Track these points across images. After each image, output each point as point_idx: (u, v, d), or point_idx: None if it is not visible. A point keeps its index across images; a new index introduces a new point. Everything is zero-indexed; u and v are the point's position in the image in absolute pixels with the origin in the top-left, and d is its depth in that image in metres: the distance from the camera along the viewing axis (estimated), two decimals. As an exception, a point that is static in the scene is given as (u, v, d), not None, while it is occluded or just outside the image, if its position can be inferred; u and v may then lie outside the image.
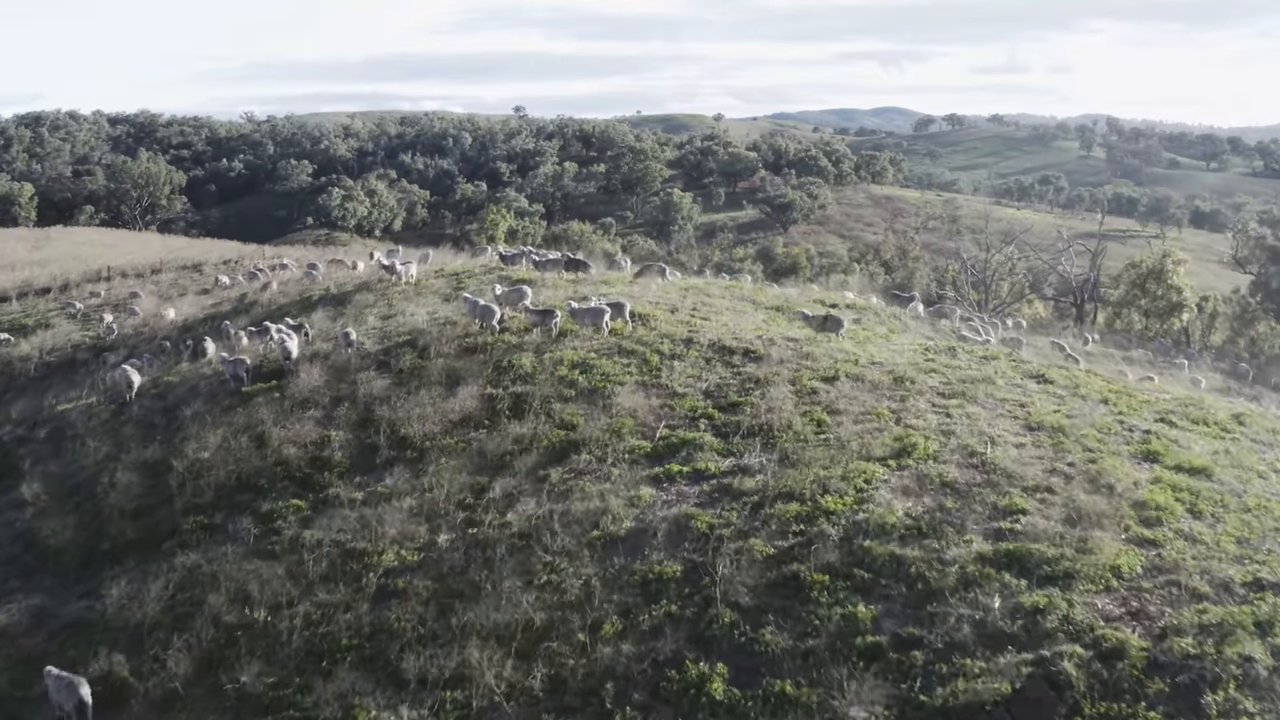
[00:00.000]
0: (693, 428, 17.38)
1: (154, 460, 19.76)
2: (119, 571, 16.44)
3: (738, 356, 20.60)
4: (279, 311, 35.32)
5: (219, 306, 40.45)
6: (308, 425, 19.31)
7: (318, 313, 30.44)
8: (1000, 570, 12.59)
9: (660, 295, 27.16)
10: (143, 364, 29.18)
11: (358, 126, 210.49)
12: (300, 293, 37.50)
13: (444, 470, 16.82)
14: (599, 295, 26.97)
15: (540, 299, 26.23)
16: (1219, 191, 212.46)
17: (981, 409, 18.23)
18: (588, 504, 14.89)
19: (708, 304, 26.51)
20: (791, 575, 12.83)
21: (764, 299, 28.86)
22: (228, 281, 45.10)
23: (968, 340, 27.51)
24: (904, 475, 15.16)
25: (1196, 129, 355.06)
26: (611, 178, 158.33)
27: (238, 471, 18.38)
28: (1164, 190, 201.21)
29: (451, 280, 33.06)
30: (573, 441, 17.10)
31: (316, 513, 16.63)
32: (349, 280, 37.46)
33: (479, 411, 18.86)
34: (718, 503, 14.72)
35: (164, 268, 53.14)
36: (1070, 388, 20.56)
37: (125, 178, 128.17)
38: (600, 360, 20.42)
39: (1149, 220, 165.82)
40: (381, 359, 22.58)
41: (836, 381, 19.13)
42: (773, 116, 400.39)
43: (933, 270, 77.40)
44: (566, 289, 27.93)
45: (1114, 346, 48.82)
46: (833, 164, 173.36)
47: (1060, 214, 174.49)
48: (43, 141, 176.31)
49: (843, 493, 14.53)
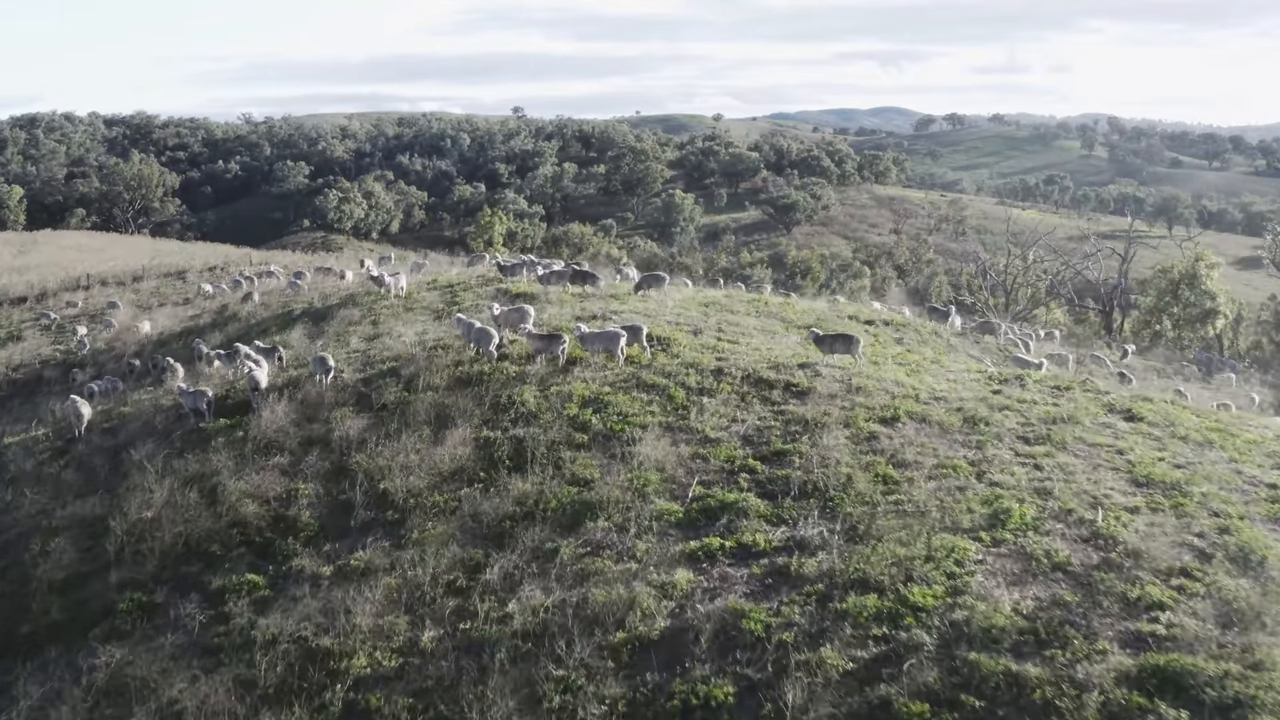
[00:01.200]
0: (732, 485, 14.38)
1: (92, 517, 16.73)
2: (36, 666, 13.45)
3: (778, 391, 17.60)
4: (258, 327, 32.36)
5: (197, 319, 37.61)
6: (271, 476, 16.29)
7: (296, 330, 27.46)
8: (1152, 697, 9.63)
9: (679, 313, 24.16)
10: (106, 386, 26.31)
11: (355, 127, 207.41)
12: (282, 305, 34.58)
13: (430, 539, 13.82)
14: (609, 312, 24.00)
15: (544, 318, 23.24)
16: (1223, 191, 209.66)
17: (1074, 458, 15.25)
18: (609, 592, 11.88)
19: (733, 323, 23.50)
20: (880, 703, 9.84)
21: (794, 315, 25.85)
22: (210, 290, 42.28)
23: (1022, 362, 24.50)
24: (1002, 553, 12.19)
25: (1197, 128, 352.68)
26: (612, 179, 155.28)
27: (187, 534, 15.35)
28: (1170, 189, 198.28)
29: (445, 293, 30.06)
30: (586, 503, 14.09)
31: (276, 592, 13.62)
32: (335, 292, 34.51)
33: (473, 461, 15.85)
34: (773, 593, 11.72)
35: (146, 275, 50.16)
36: (1164, 425, 17.58)
37: (117, 180, 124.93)
38: (616, 396, 17.41)
39: (1156, 220, 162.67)
40: (361, 391, 19.56)
41: (898, 423, 16.14)
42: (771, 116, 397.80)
43: (946, 274, 74.43)
44: (573, 305, 24.93)
45: (1153, 358, 45.96)
46: (835, 164, 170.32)
47: (1066, 214, 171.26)
48: (38, 143, 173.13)
49: (930, 580, 11.55)
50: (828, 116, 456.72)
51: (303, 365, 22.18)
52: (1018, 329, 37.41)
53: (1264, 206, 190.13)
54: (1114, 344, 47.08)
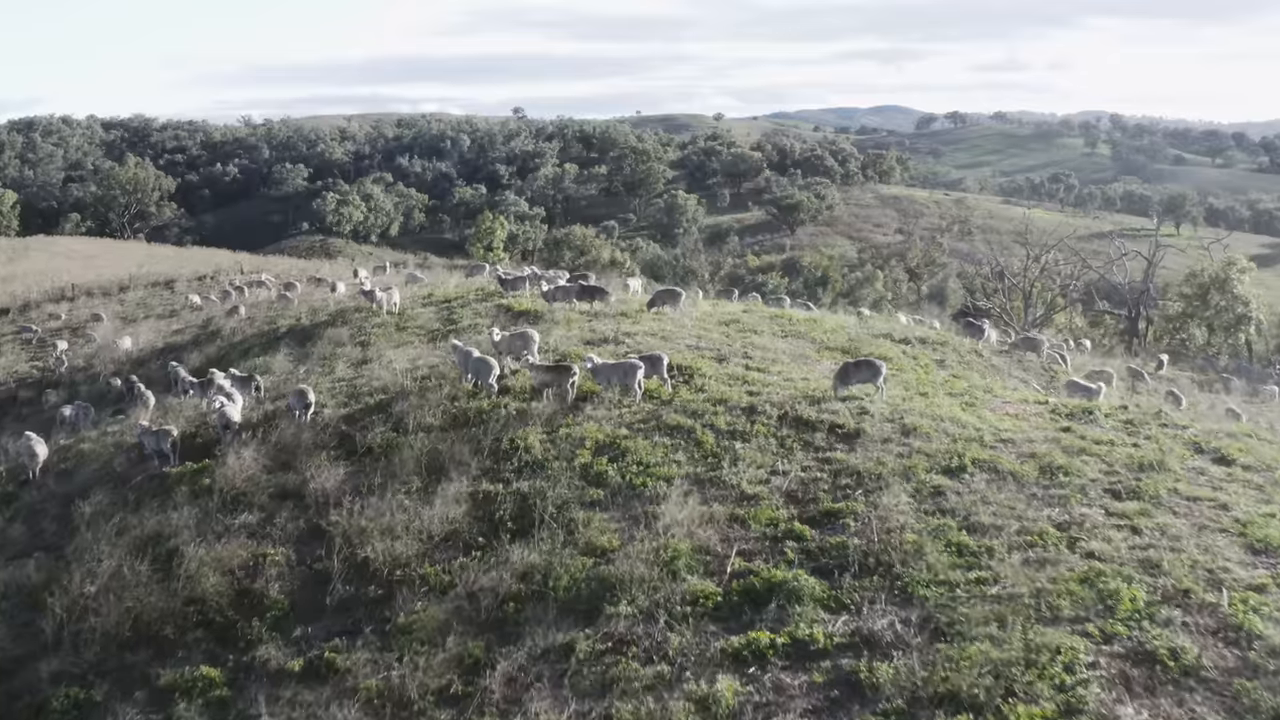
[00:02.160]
0: (778, 557, 12.11)
1: (31, 585, 14.47)
2: (-52, 780, 11.24)
3: (821, 433, 15.33)
4: (240, 345, 30.22)
5: (180, 334, 35.57)
6: (237, 541, 14.02)
7: (280, 353, 25.26)
8: None
9: (699, 334, 21.88)
10: (76, 412, 24.11)
11: (354, 129, 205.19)
12: (269, 321, 32.44)
13: (419, 627, 11.56)
14: (621, 334, 21.73)
15: (549, 341, 20.98)
16: (1227, 188, 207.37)
17: (1174, 517, 12.98)
18: (637, 708, 9.63)
19: (760, 346, 21.22)
20: None
21: (823, 335, 23.55)
22: (198, 301, 40.27)
23: (1080, 388, 22.21)
24: (1117, 652, 9.94)
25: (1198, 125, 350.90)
26: (613, 179, 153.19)
27: (136, 613, 13.08)
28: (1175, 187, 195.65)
29: (442, 310, 27.85)
30: (605, 581, 11.82)
31: (235, 692, 11.37)
32: (325, 305, 32.36)
33: (469, 523, 13.59)
34: (841, 711, 9.47)
35: (133, 285, 47.94)
36: (1262, 470, 15.31)
37: (113, 184, 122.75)
38: (635, 441, 15.15)
39: (1164, 218, 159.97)
40: (344, 430, 17.31)
41: (965, 474, 13.87)
42: (771, 116, 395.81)
43: (959, 276, 71.86)
44: (581, 326, 22.68)
45: (1184, 367, 43.70)
46: (839, 164, 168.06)
47: (1072, 212, 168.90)
48: (35, 147, 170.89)
49: (1037, 695, 9.29)
50: (828, 115, 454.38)
51: (282, 396, 19.95)
52: (1051, 339, 35.18)
53: (1271, 204, 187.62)
54: (1143, 353, 44.81)
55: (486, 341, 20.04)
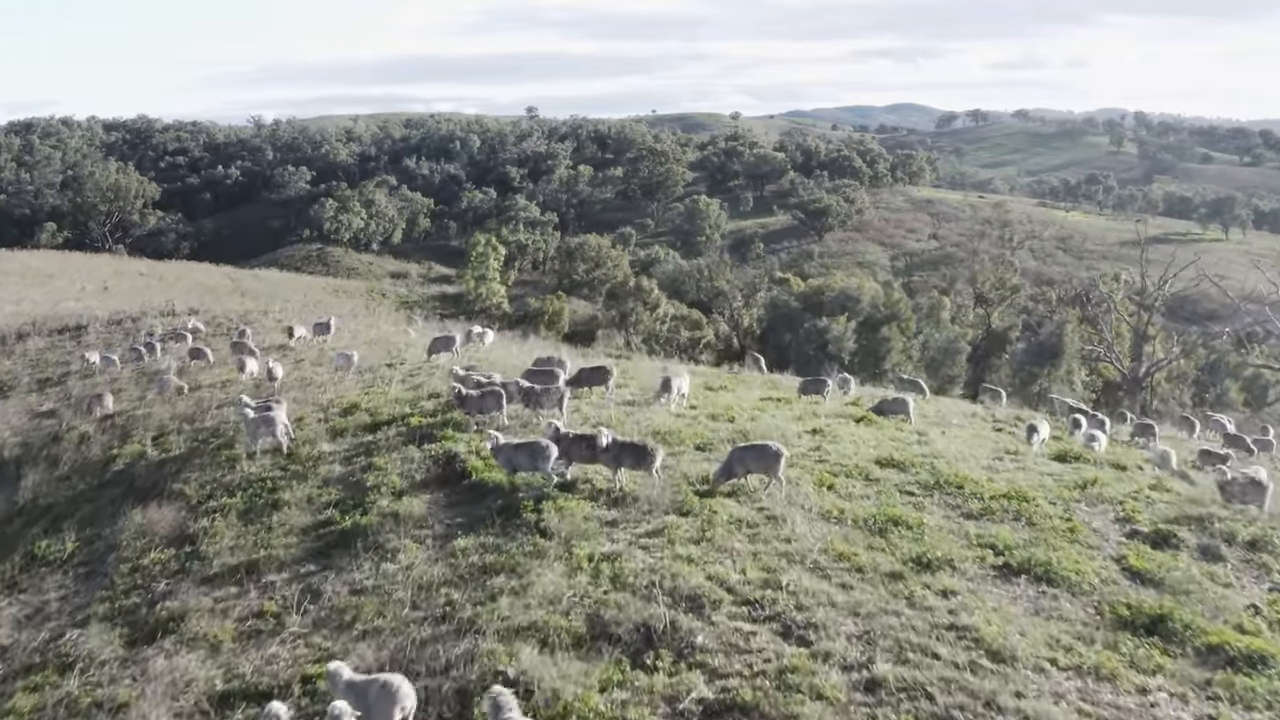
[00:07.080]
0: None
1: None
2: None
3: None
4: (79, 470, 22.35)
5: (35, 427, 26.64)
6: None
7: (49, 573, 16.76)
8: None
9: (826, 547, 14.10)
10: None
11: (360, 130, 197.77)
12: (121, 436, 24.03)
13: None
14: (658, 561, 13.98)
15: (537, 592, 13.26)
16: (1264, 188, 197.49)
17: None
18: None
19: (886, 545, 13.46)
20: None
21: (991, 495, 15.54)
22: (96, 362, 31.59)
23: None
24: None
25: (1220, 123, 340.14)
26: (630, 182, 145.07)
27: None
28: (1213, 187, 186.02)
29: (356, 450, 19.29)
30: None
31: None
32: (205, 410, 24.08)
33: None
34: None
35: (37, 331, 39.06)
36: None
37: (92, 191, 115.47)
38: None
39: (1210, 222, 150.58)
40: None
41: None
42: (788, 114, 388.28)
43: (1033, 299, 62.10)
44: (596, 528, 14.59)
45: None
46: (867, 164, 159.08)
47: (1112, 215, 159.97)
48: (32, 150, 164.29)
49: None
50: (844, 114, 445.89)
51: None
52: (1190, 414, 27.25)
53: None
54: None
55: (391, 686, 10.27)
